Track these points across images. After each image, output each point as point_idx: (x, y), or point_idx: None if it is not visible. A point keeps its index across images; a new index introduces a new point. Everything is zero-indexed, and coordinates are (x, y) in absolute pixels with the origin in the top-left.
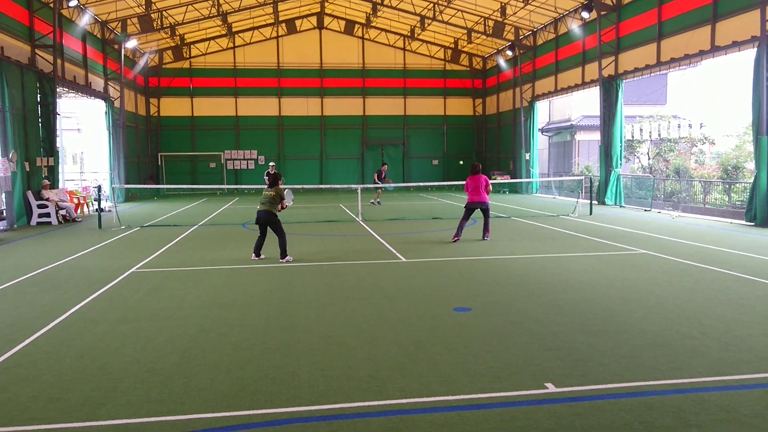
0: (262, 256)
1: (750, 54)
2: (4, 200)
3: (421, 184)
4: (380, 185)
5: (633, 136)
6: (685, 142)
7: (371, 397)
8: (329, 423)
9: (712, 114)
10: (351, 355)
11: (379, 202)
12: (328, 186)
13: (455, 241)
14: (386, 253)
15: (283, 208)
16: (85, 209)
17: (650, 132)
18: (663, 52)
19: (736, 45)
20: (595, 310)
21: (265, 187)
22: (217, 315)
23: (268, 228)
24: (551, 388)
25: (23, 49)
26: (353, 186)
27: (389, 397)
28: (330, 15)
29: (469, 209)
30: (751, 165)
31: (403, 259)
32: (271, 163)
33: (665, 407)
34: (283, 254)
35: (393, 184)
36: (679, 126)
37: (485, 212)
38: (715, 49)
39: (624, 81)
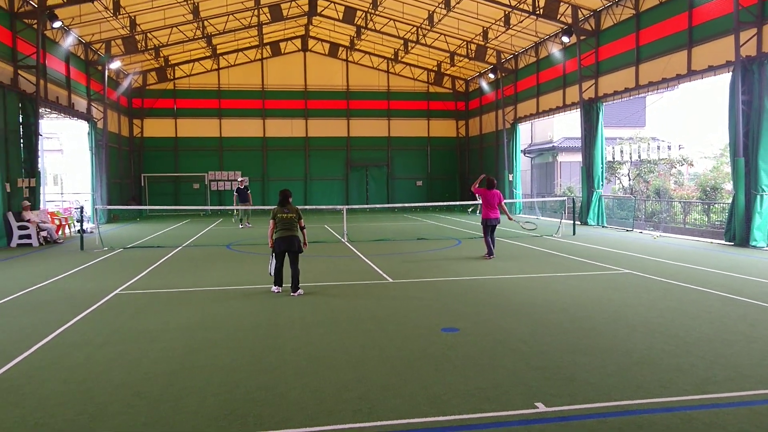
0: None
1: (726, 78)
2: None
3: (406, 205)
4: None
5: (614, 158)
6: (664, 163)
7: (362, 418)
8: None
9: (689, 136)
10: (340, 376)
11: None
12: (313, 207)
13: (490, 258)
14: (373, 274)
15: (302, 228)
16: (67, 230)
17: (630, 154)
18: (641, 75)
19: (712, 69)
20: (580, 329)
21: (277, 208)
22: (204, 337)
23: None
24: (541, 407)
25: (5, 70)
26: (338, 207)
27: (381, 419)
28: (314, 38)
29: (488, 225)
30: (728, 186)
31: (390, 280)
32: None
33: (654, 426)
34: (297, 286)
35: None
36: (658, 148)
37: (493, 229)
38: (691, 73)
39: (604, 104)
